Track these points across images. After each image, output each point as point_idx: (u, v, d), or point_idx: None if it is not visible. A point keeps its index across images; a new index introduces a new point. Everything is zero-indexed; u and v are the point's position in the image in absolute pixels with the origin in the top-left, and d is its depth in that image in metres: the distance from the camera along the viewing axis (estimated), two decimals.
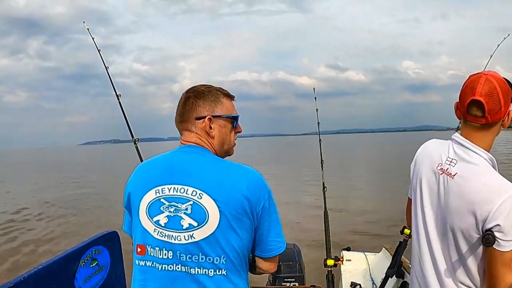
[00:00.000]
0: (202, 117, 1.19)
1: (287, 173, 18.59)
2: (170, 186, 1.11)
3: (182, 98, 1.23)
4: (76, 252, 0.67)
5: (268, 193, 1.16)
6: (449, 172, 1.31)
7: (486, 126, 1.27)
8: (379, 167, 19.22)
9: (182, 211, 1.08)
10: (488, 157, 1.29)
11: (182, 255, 1.08)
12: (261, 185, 1.16)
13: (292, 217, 8.45)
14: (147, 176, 1.18)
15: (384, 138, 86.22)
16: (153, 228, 1.10)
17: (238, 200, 1.09)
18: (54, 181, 17.29)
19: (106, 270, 0.77)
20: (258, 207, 1.13)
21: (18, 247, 7.05)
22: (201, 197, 1.08)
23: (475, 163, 1.27)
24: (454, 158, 1.32)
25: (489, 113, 1.24)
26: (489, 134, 1.30)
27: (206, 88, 1.23)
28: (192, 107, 1.20)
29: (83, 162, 34.14)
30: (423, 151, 1.45)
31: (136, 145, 2.37)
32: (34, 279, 0.57)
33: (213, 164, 1.16)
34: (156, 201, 1.11)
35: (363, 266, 2.89)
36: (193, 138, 1.21)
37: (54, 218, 9.51)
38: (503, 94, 1.24)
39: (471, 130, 1.30)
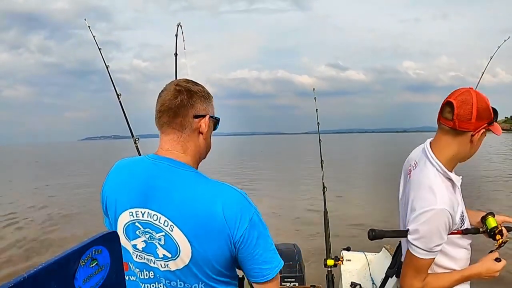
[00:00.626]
0: (200, 116, 1.10)
1: (287, 172, 18.59)
2: (144, 210, 1.05)
3: (170, 91, 1.09)
4: (76, 252, 0.66)
5: (249, 218, 1.03)
6: (411, 174, 1.46)
7: (453, 131, 1.33)
8: (380, 167, 19.22)
9: (156, 240, 1.04)
10: (440, 168, 1.36)
11: (161, 279, 1.07)
12: (240, 213, 1.02)
13: (292, 217, 8.46)
14: (123, 190, 1.10)
15: (384, 138, 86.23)
16: (131, 251, 1.09)
17: (213, 233, 1.01)
18: (54, 180, 17.29)
19: (106, 270, 0.77)
20: (237, 236, 1.02)
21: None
22: (172, 229, 1.02)
23: (424, 171, 1.39)
24: (418, 162, 1.45)
25: (457, 117, 1.29)
26: (455, 143, 1.35)
27: (195, 84, 1.13)
28: (189, 102, 1.08)
29: (83, 159, 34.17)
30: (411, 153, 1.59)
31: (136, 144, 2.37)
32: (34, 279, 0.57)
33: (189, 187, 1.04)
34: (131, 224, 1.07)
35: (363, 266, 2.89)
36: (175, 142, 1.09)
37: (52, 219, 9.50)
38: (478, 108, 1.29)
39: (440, 133, 1.38)
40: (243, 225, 1.02)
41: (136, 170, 1.11)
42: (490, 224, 1.45)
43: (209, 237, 1.01)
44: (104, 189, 1.15)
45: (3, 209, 10.32)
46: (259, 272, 1.09)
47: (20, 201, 11.91)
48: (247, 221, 1.03)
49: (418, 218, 1.31)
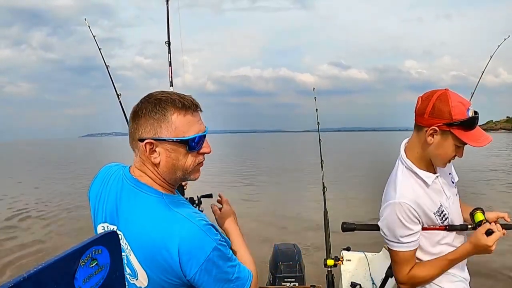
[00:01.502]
0: (142, 139, 1.00)
1: (287, 170, 18.59)
2: (112, 226, 1.07)
3: (133, 110, 1.05)
4: (76, 252, 0.66)
5: (205, 259, 0.95)
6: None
7: (416, 128, 1.42)
8: (380, 167, 19.19)
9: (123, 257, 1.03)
10: (407, 165, 1.44)
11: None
12: (196, 248, 0.95)
13: (292, 216, 8.45)
14: (100, 202, 1.12)
15: (386, 137, 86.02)
16: None
17: (166, 268, 0.97)
18: (53, 178, 17.28)
19: (106, 270, 0.77)
20: (191, 275, 0.96)
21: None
22: (130, 254, 1.02)
23: (394, 169, 1.50)
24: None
25: (416, 111, 1.39)
26: (417, 140, 1.42)
27: (155, 100, 1.00)
28: (135, 125, 1.01)
29: (84, 156, 34.19)
30: None
31: None
32: (34, 279, 0.57)
33: (146, 215, 1.00)
34: None
35: (363, 266, 2.89)
36: (138, 163, 1.07)
37: (51, 219, 9.51)
38: (435, 105, 1.30)
39: (414, 129, 1.46)
40: (197, 264, 0.95)
41: (112, 184, 1.11)
42: (477, 218, 1.44)
43: (163, 270, 0.98)
44: (90, 193, 1.19)
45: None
46: None
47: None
48: (203, 259, 0.95)
49: (381, 212, 1.46)
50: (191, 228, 0.96)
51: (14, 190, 13.62)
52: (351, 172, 17.83)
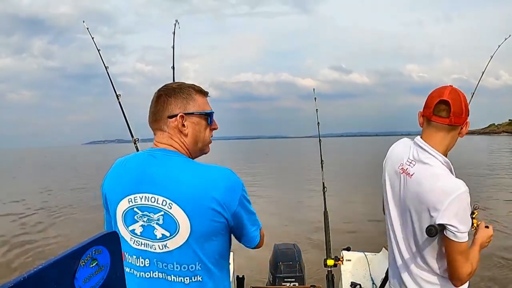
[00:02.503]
0: (174, 115, 1.17)
1: (289, 174, 18.61)
2: (141, 195, 1.10)
3: (154, 97, 1.21)
4: (76, 252, 0.66)
5: (240, 191, 1.14)
6: (408, 172, 1.45)
7: (447, 128, 1.40)
8: (380, 169, 19.21)
9: (154, 221, 1.08)
10: (443, 159, 1.41)
11: (158, 263, 1.09)
12: (233, 184, 1.13)
13: (292, 217, 8.46)
14: (120, 181, 1.17)
15: (388, 141, 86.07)
16: (129, 237, 1.11)
17: (209, 206, 1.08)
18: (57, 184, 17.30)
19: (106, 270, 0.77)
20: (232, 208, 1.11)
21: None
22: (171, 207, 1.07)
23: (430, 165, 1.41)
24: (413, 159, 1.45)
25: (453, 114, 1.37)
26: (448, 137, 1.43)
27: (177, 86, 1.21)
28: (164, 106, 1.18)
29: (87, 163, 34.20)
30: (391, 151, 1.60)
31: (136, 145, 2.38)
32: (34, 279, 0.57)
33: (183, 169, 1.12)
34: (129, 210, 1.12)
35: (363, 266, 2.89)
36: (165, 138, 1.19)
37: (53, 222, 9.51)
38: (464, 104, 1.40)
39: (433, 131, 1.43)
40: (235, 199, 1.12)
41: (132, 161, 1.19)
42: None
43: (206, 211, 1.08)
44: (103, 186, 1.21)
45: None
46: (254, 232, 1.20)
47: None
48: (239, 193, 1.13)
49: (453, 204, 1.31)
50: (224, 170, 1.14)
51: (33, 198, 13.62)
52: (353, 174, 17.84)
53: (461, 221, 1.32)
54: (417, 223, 1.42)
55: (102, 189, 1.22)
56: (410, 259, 1.48)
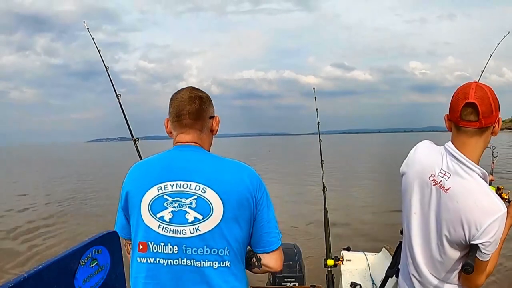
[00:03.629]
0: (212, 116, 1.31)
1: (289, 172, 18.60)
2: (172, 182, 1.14)
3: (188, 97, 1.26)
4: (76, 252, 0.67)
5: (264, 187, 1.23)
6: (442, 186, 1.34)
7: (479, 131, 1.30)
8: (383, 168, 19.22)
9: (186, 206, 1.11)
10: (480, 172, 1.32)
11: (188, 249, 1.10)
12: (258, 179, 1.23)
13: (292, 216, 8.46)
14: (146, 175, 1.20)
15: (390, 138, 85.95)
16: (157, 225, 1.12)
17: (240, 192, 1.15)
18: (59, 181, 17.30)
19: (106, 270, 0.77)
20: (257, 199, 1.19)
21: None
22: (204, 191, 1.12)
23: (468, 180, 1.31)
24: (447, 171, 1.34)
25: (482, 115, 1.27)
26: (481, 141, 1.33)
27: (201, 90, 1.32)
28: (205, 107, 1.28)
29: (89, 161, 34.25)
30: (415, 155, 1.47)
31: (136, 144, 2.38)
32: (34, 279, 0.57)
33: (213, 160, 1.22)
34: (159, 198, 1.13)
35: (363, 266, 2.89)
36: (191, 136, 1.26)
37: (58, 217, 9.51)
38: (493, 99, 1.29)
39: (465, 138, 1.33)
40: (261, 191, 1.21)
41: (159, 157, 1.24)
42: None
43: (238, 196, 1.15)
44: (124, 186, 1.23)
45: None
46: (276, 236, 1.25)
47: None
48: (263, 188, 1.23)
49: (491, 227, 1.25)
50: (251, 169, 1.25)
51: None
52: (354, 173, 17.84)
53: (494, 244, 1.26)
54: (449, 238, 1.33)
55: (123, 189, 1.22)
56: (425, 265, 1.43)
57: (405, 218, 1.50)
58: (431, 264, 1.42)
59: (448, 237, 1.33)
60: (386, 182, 13.76)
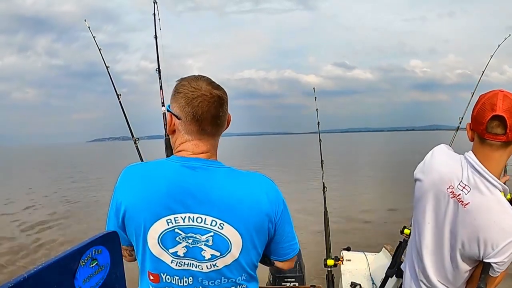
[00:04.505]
0: (228, 120, 1.14)
1: (289, 171, 18.59)
2: (184, 215, 1.00)
3: (208, 95, 1.03)
4: (76, 252, 0.67)
5: (283, 203, 1.11)
6: (461, 199, 1.28)
7: (504, 145, 1.25)
8: (383, 167, 19.22)
9: (202, 243, 1.01)
10: (502, 187, 1.27)
11: (204, 281, 1.04)
12: (278, 196, 1.10)
13: (292, 216, 8.45)
14: (150, 198, 1.01)
15: (391, 137, 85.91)
16: (170, 259, 1.03)
17: (259, 221, 1.04)
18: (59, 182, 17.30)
19: (106, 270, 0.77)
20: (276, 219, 1.09)
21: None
22: (222, 227, 1.00)
23: (488, 197, 1.25)
24: (467, 184, 1.28)
25: (510, 129, 1.20)
26: (505, 155, 1.28)
27: (218, 85, 1.09)
28: (226, 109, 1.08)
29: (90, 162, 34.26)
30: (432, 161, 1.40)
31: (136, 144, 2.38)
32: (34, 279, 0.57)
33: (230, 184, 1.04)
34: (170, 232, 1.01)
35: (363, 266, 2.89)
36: (204, 145, 1.07)
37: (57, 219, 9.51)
38: None
39: (489, 151, 1.27)
40: (280, 207, 1.09)
41: (164, 173, 1.04)
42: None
43: (256, 224, 1.04)
44: (118, 198, 1.05)
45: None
46: (291, 247, 1.18)
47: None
48: (282, 204, 1.10)
49: (507, 247, 1.21)
50: (268, 181, 1.11)
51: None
52: (354, 172, 17.83)
53: (508, 263, 1.23)
54: (463, 253, 1.30)
55: (117, 202, 1.05)
56: (434, 275, 1.41)
57: (417, 225, 1.47)
58: (442, 274, 1.39)
59: (462, 251, 1.30)
60: (386, 182, 13.76)
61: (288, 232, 1.15)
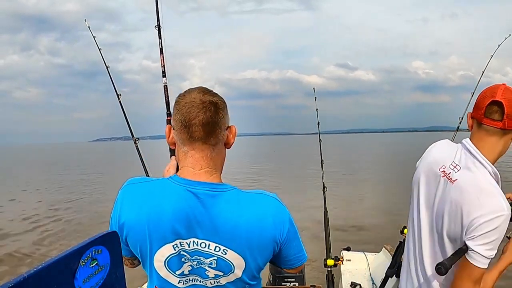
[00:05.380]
0: (228, 127, 1.08)
1: (290, 172, 18.61)
2: (189, 240, 1.01)
3: (198, 102, 1.01)
4: (76, 252, 0.67)
5: (289, 221, 1.09)
6: (450, 177, 1.32)
7: (501, 132, 1.28)
8: (384, 167, 19.23)
9: (206, 265, 1.03)
10: (492, 170, 1.29)
11: None
12: (283, 217, 1.08)
13: (292, 216, 8.45)
14: (157, 222, 1.01)
15: (394, 138, 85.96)
16: (177, 280, 1.06)
17: (264, 245, 1.04)
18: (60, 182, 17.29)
19: (106, 270, 0.77)
20: (282, 240, 1.08)
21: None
22: (225, 253, 1.01)
23: (477, 175, 1.28)
24: (458, 164, 1.32)
25: (507, 116, 1.24)
26: (501, 143, 1.30)
27: (214, 93, 1.07)
28: (222, 115, 1.04)
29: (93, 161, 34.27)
30: (430, 151, 1.45)
31: (136, 144, 2.39)
32: (34, 279, 0.57)
33: (233, 208, 1.02)
34: (176, 256, 1.03)
35: (363, 266, 2.89)
36: (205, 159, 1.04)
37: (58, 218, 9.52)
38: None
39: (485, 135, 1.30)
40: (286, 227, 1.08)
41: (168, 198, 1.02)
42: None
43: (261, 248, 1.04)
44: (121, 216, 1.05)
45: None
46: (297, 259, 1.17)
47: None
48: (288, 223, 1.08)
49: (486, 224, 1.20)
50: (274, 202, 1.08)
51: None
52: (355, 173, 17.83)
53: (487, 244, 1.20)
54: (448, 232, 1.31)
55: (120, 218, 1.04)
56: (430, 264, 1.39)
57: (411, 211, 1.47)
58: (435, 259, 1.37)
59: (448, 232, 1.31)
60: (387, 182, 13.77)
61: (294, 246, 1.14)
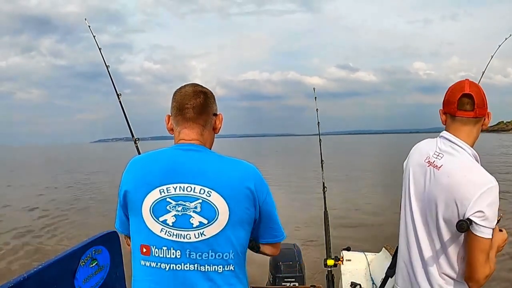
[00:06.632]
0: (215, 114, 1.27)
1: (290, 172, 18.60)
2: (175, 185, 1.11)
3: (192, 92, 1.22)
4: (76, 252, 0.67)
5: (267, 187, 1.22)
6: (436, 164, 1.42)
7: (473, 121, 1.41)
8: (384, 168, 19.22)
9: (191, 210, 1.09)
10: (471, 152, 1.41)
11: (192, 253, 1.09)
12: (262, 180, 1.21)
13: (292, 217, 8.45)
14: (146, 174, 1.15)
15: (395, 139, 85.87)
16: (159, 228, 1.10)
17: (245, 195, 1.13)
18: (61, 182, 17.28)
19: (106, 270, 0.77)
20: (261, 200, 1.18)
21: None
22: (210, 195, 1.10)
23: (459, 157, 1.39)
24: (440, 152, 1.43)
25: (477, 106, 1.38)
26: (475, 130, 1.43)
27: (205, 87, 1.27)
28: (209, 103, 1.24)
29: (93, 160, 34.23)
30: (414, 149, 1.56)
31: (136, 144, 2.38)
32: (34, 279, 0.57)
33: (217, 161, 1.18)
34: (161, 201, 1.10)
35: (363, 266, 2.89)
36: (194, 133, 1.22)
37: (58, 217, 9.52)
38: (483, 94, 1.42)
39: (459, 125, 1.42)
40: (264, 192, 1.20)
41: (160, 155, 1.20)
42: None
43: (243, 198, 1.13)
44: (123, 183, 1.19)
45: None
46: (280, 231, 1.28)
47: None
48: (266, 189, 1.21)
49: (482, 197, 1.27)
50: (255, 169, 1.22)
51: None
52: (355, 173, 17.82)
53: (488, 218, 1.26)
54: (444, 216, 1.35)
55: (122, 187, 1.19)
56: (431, 258, 1.42)
57: (403, 204, 1.53)
58: (435, 252, 1.40)
59: (444, 216, 1.35)
60: (387, 182, 13.75)
61: (274, 216, 1.25)
